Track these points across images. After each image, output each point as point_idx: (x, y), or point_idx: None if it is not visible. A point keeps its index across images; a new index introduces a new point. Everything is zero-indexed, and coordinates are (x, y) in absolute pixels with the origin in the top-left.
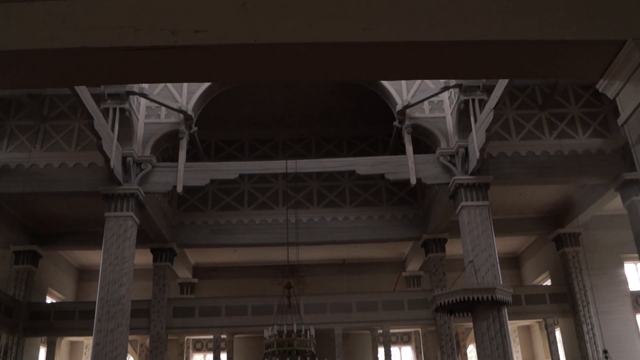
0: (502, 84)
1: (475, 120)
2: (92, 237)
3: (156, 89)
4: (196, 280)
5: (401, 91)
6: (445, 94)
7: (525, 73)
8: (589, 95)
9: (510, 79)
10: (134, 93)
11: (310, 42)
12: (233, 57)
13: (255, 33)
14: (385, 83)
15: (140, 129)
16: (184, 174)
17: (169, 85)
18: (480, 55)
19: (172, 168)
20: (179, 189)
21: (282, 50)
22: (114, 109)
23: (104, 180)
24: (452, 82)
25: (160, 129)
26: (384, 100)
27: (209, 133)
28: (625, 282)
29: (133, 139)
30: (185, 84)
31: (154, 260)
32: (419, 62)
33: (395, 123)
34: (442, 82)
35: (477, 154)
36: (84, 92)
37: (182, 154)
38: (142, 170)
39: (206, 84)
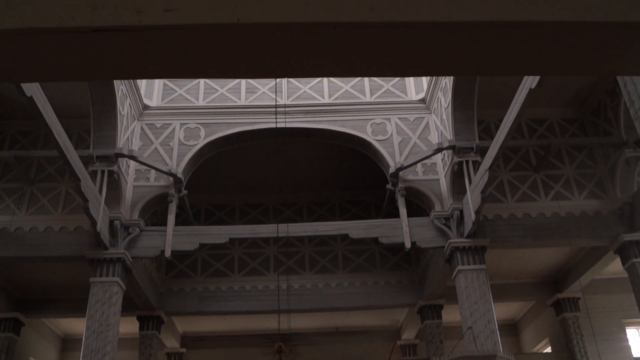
0: (496, 144)
1: (470, 182)
2: (77, 304)
3: (146, 152)
4: (184, 350)
5: (394, 154)
6: (439, 156)
7: (568, 66)
8: (583, 156)
9: (550, 74)
10: (123, 155)
11: (306, 22)
12: (211, 41)
13: (238, 11)
14: (377, 145)
15: (128, 192)
16: (172, 238)
17: (159, 147)
18: (514, 41)
19: (161, 232)
20: (167, 254)
21: (271, 32)
22: (102, 171)
23: (90, 244)
24: (446, 143)
25: (149, 192)
26: (376, 164)
27: (199, 197)
28: (628, 347)
29: (121, 202)
30: (175, 147)
31: (140, 328)
32: (440, 49)
33: (388, 186)
34: (435, 144)
35: (473, 216)
36: (71, 153)
37: (171, 218)
38: (129, 234)
39: (196, 148)
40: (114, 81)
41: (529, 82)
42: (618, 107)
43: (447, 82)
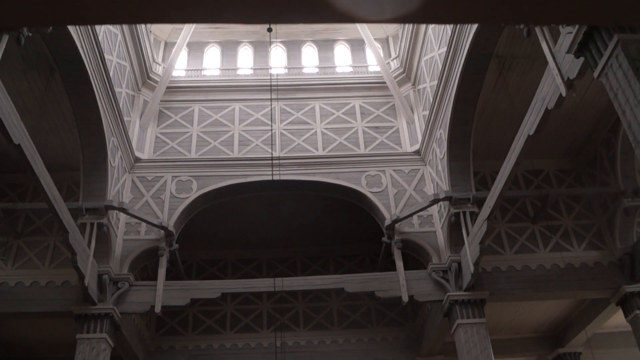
0: (495, 193)
1: (468, 233)
2: None
3: (137, 205)
4: None
5: (389, 206)
6: (435, 208)
7: None
8: (580, 207)
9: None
10: (113, 208)
11: None
12: None
13: None
14: (372, 197)
15: (118, 246)
16: (163, 293)
17: (150, 200)
18: None
19: (151, 287)
20: (157, 309)
21: None
22: (92, 224)
23: (77, 299)
24: (442, 194)
25: (140, 246)
26: (371, 217)
27: (190, 253)
28: None
29: (110, 256)
30: (167, 200)
31: None
32: None
33: (384, 239)
34: (431, 195)
35: (472, 268)
36: (60, 205)
37: (162, 272)
38: (118, 289)
39: (188, 201)
40: (105, 132)
41: (527, 128)
42: (614, 157)
43: (441, 132)
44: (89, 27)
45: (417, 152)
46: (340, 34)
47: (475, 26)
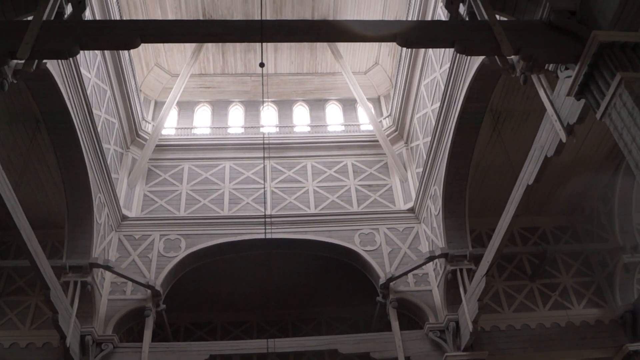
0: (493, 247)
1: (465, 291)
2: None
3: (123, 264)
4: None
5: (383, 264)
6: (430, 266)
7: None
8: (579, 264)
9: None
10: (98, 265)
11: None
12: None
13: None
14: (366, 256)
15: (102, 306)
16: (149, 355)
17: (137, 259)
18: None
19: (136, 349)
20: None
21: None
22: (75, 282)
23: None
24: (438, 251)
25: (125, 306)
26: (364, 277)
27: (178, 315)
28: None
29: (94, 316)
30: (154, 259)
31: None
32: None
33: (379, 298)
34: (426, 253)
35: (470, 327)
36: (42, 260)
37: (148, 334)
38: (102, 350)
39: (176, 260)
40: (92, 188)
41: (526, 178)
42: (612, 212)
43: (436, 188)
44: (77, 79)
45: (411, 210)
46: (331, 93)
47: (469, 79)
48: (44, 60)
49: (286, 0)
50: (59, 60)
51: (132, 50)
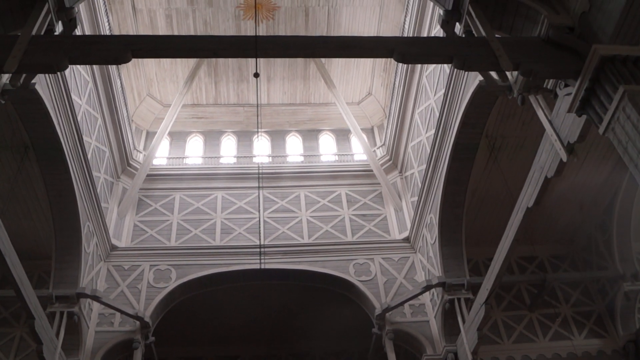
0: (492, 274)
1: (464, 321)
2: None
3: (112, 294)
4: None
5: (379, 295)
6: (427, 296)
7: None
8: (578, 293)
9: None
10: (85, 295)
11: None
12: None
13: None
14: (361, 286)
15: (89, 337)
16: None
17: (126, 290)
18: None
19: None
20: None
21: None
22: (62, 313)
23: None
24: (435, 280)
25: (113, 338)
26: (360, 310)
27: (168, 349)
28: None
29: (80, 348)
30: (143, 290)
31: None
32: None
33: (375, 330)
34: (423, 282)
35: (470, 358)
36: (27, 289)
37: None
38: None
39: (167, 290)
40: (80, 216)
41: (526, 200)
42: (610, 240)
43: (432, 217)
44: (67, 105)
45: (407, 240)
46: (324, 124)
47: (464, 104)
48: (33, 81)
49: (279, 32)
50: (49, 84)
51: (124, 80)
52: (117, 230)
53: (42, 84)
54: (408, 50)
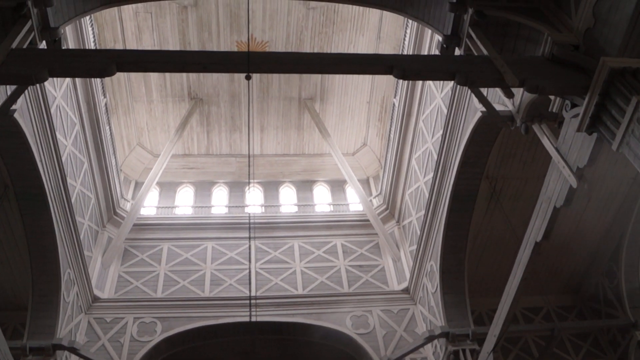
0: (499, 320)
1: None
2: None
3: (92, 348)
4: None
5: (378, 348)
6: (430, 349)
7: None
8: (588, 344)
9: None
10: (62, 347)
11: None
12: None
13: None
14: (359, 340)
15: None
16: None
17: (107, 344)
18: None
19: None
20: None
21: None
22: None
23: None
24: (437, 331)
25: None
26: None
27: None
28: None
29: None
30: (126, 344)
31: None
32: None
33: None
34: (425, 332)
35: None
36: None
37: None
38: None
39: (151, 344)
40: (61, 262)
41: (534, 235)
42: (619, 287)
43: (432, 264)
44: (51, 142)
45: (406, 291)
46: (319, 174)
47: (463, 142)
48: (13, 107)
49: (273, 81)
50: (32, 118)
51: (113, 127)
52: (100, 280)
53: (24, 117)
54: (409, 67)
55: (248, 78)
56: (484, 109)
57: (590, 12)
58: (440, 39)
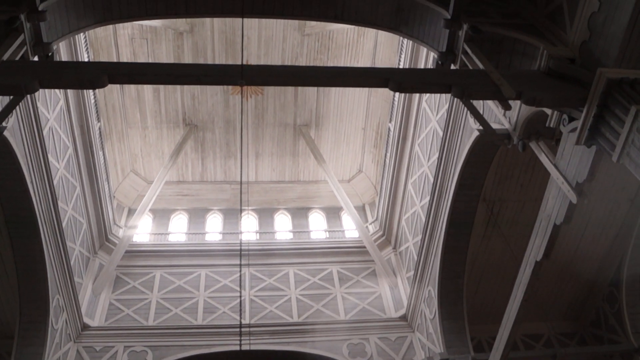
0: (500, 344)
1: None
2: None
3: None
4: None
5: None
6: None
7: None
8: None
9: None
10: None
11: None
12: None
13: None
14: None
15: None
16: None
17: None
18: None
19: None
20: None
21: None
22: None
23: None
24: (437, 358)
25: None
26: None
27: None
28: None
29: None
30: None
31: None
32: None
33: None
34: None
35: None
36: None
37: None
38: None
39: None
40: (50, 287)
41: (533, 254)
42: (620, 312)
43: (430, 289)
44: (42, 164)
45: (404, 318)
46: (314, 202)
47: (460, 164)
48: (4, 124)
49: (268, 108)
50: (24, 138)
51: (107, 154)
52: (91, 308)
53: (16, 137)
54: (404, 79)
55: (242, 84)
56: (480, 127)
57: (585, 25)
58: (436, 56)
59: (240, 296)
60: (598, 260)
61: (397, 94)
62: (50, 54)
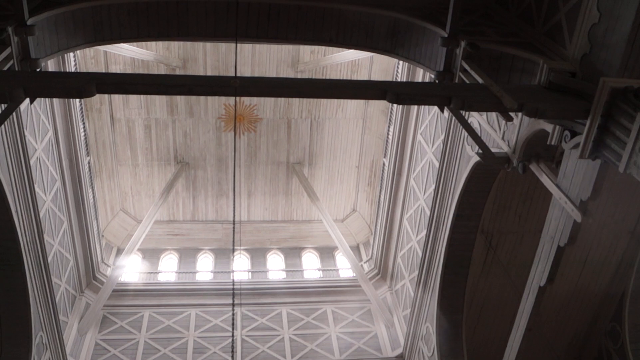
0: None
1: None
2: None
3: None
4: None
5: None
6: None
7: None
8: None
9: None
10: None
11: None
12: None
13: None
14: None
15: None
16: None
17: None
18: None
19: None
20: None
21: None
22: None
23: None
24: None
25: None
26: None
27: None
28: None
29: None
30: None
31: None
32: None
33: None
34: None
35: None
36: None
37: None
38: None
39: None
40: (33, 323)
41: (537, 279)
42: (623, 348)
43: (428, 326)
44: (29, 195)
45: (401, 357)
46: (307, 241)
47: (457, 194)
48: None
49: (260, 145)
50: (10, 165)
51: (97, 191)
52: (76, 348)
53: (1, 164)
54: (403, 91)
55: (235, 84)
56: (480, 151)
57: (585, 38)
58: (433, 76)
59: (233, 335)
60: (599, 296)
61: (391, 127)
62: (38, 69)
